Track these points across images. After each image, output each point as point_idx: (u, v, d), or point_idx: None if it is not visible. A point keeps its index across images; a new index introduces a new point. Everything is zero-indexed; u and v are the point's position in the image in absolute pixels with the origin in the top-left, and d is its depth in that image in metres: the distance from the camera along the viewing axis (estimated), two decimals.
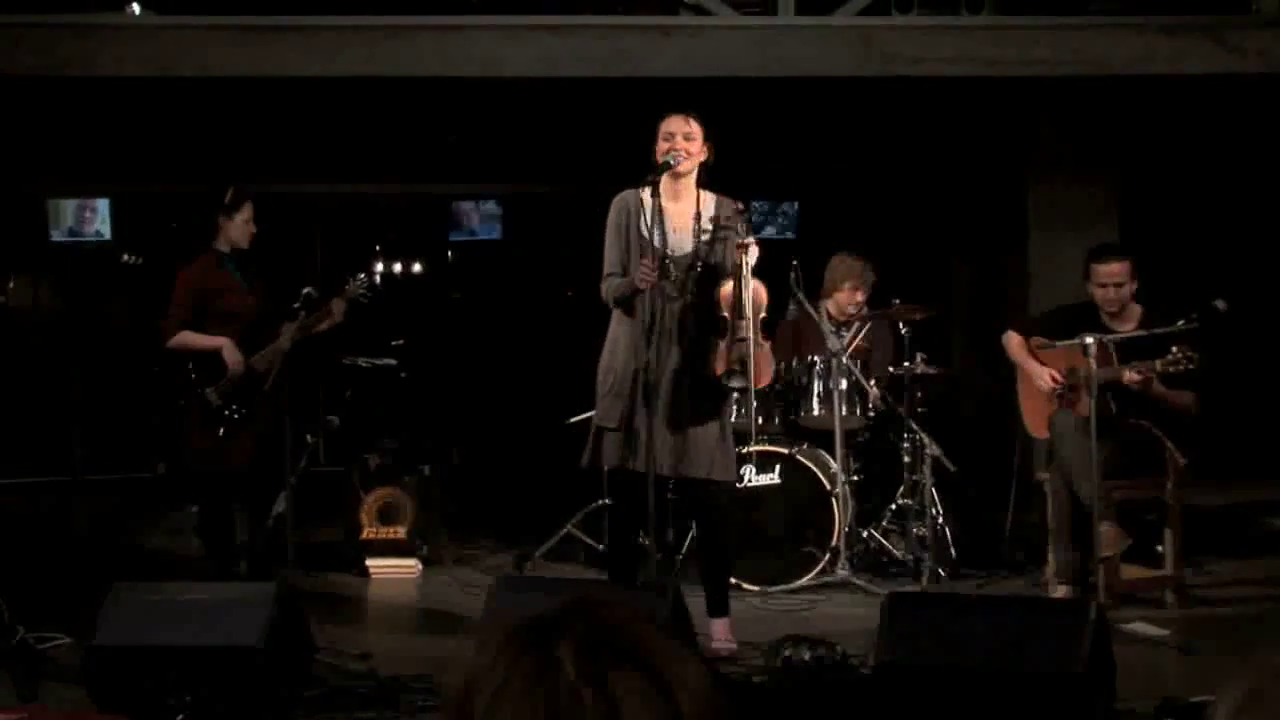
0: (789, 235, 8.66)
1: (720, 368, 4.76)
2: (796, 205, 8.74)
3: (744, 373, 4.73)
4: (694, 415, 4.81)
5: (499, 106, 7.32)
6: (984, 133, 7.59)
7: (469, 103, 7.26)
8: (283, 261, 7.16)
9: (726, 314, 4.77)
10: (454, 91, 6.86)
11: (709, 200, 4.86)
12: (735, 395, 5.06)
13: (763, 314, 4.91)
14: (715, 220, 4.82)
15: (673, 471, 4.80)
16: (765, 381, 5.01)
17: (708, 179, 4.88)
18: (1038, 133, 7.32)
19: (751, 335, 4.73)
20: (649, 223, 4.71)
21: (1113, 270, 5.74)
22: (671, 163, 4.70)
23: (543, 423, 7.21)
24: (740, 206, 4.86)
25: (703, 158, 4.83)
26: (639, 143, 4.99)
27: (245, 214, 5.90)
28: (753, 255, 4.70)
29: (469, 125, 7.71)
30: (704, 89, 6.27)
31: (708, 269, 4.83)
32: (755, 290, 4.78)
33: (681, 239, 4.81)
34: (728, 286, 4.77)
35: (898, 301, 6.31)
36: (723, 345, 4.75)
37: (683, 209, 4.83)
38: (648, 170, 4.72)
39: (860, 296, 6.50)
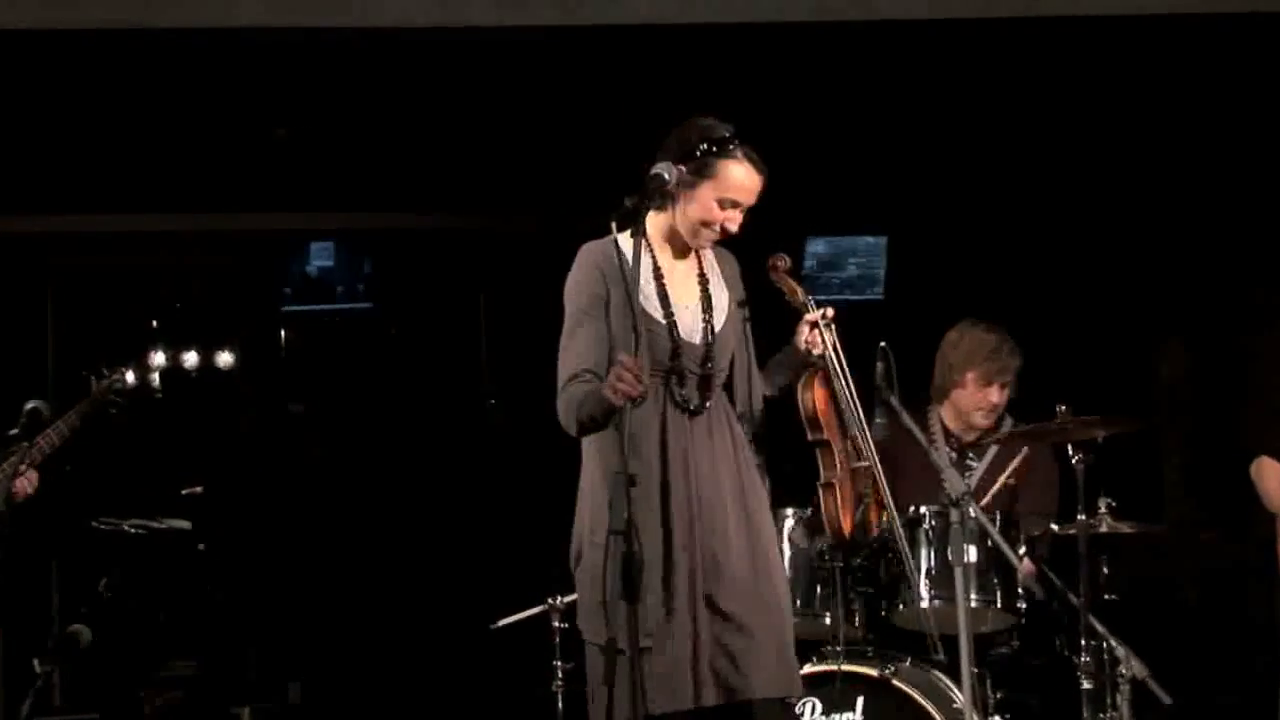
0: (872, 293, 8.56)
1: (846, 521, 4.91)
2: (882, 243, 8.66)
3: (871, 521, 5.04)
4: (755, 603, 4.77)
5: (368, 80, 7.34)
6: (1212, 118, 7.53)
7: (316, 75, 7.26)
8: None
9: (824, 433, 4.88)
10: (289, 55, 6.88)
11: (710, 253, 4.99)
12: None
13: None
14: (730, 287, 5.00)
15: (720, 695, 4.74)
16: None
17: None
18: None
19: (865, 461, 4.98)
20: (634, 283, 4.69)
21: None
22: (666, 177, 4.68)
23: (445, 629, 7.40)
24: (780, 258, 5.01)
25: None
26: (608, 143, 5.22)
27: None
28: (830, 336, 4.86)
29: (317, 114, 7.73)
30: (713, 46, 6.43)
31: (726, 356, 4.90)
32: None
33: (690, 313, 4.89)
34: (818, 394, 4.91)
35: (1064, 409, 6.02)
36: (836, 485, 4.91)
37: (683, 267, 4.94)
38: (621, 199, 4.69)
39: (996, 396, 6.44)
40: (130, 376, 5.91)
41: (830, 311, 4.85)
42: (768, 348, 5.27)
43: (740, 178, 4.74)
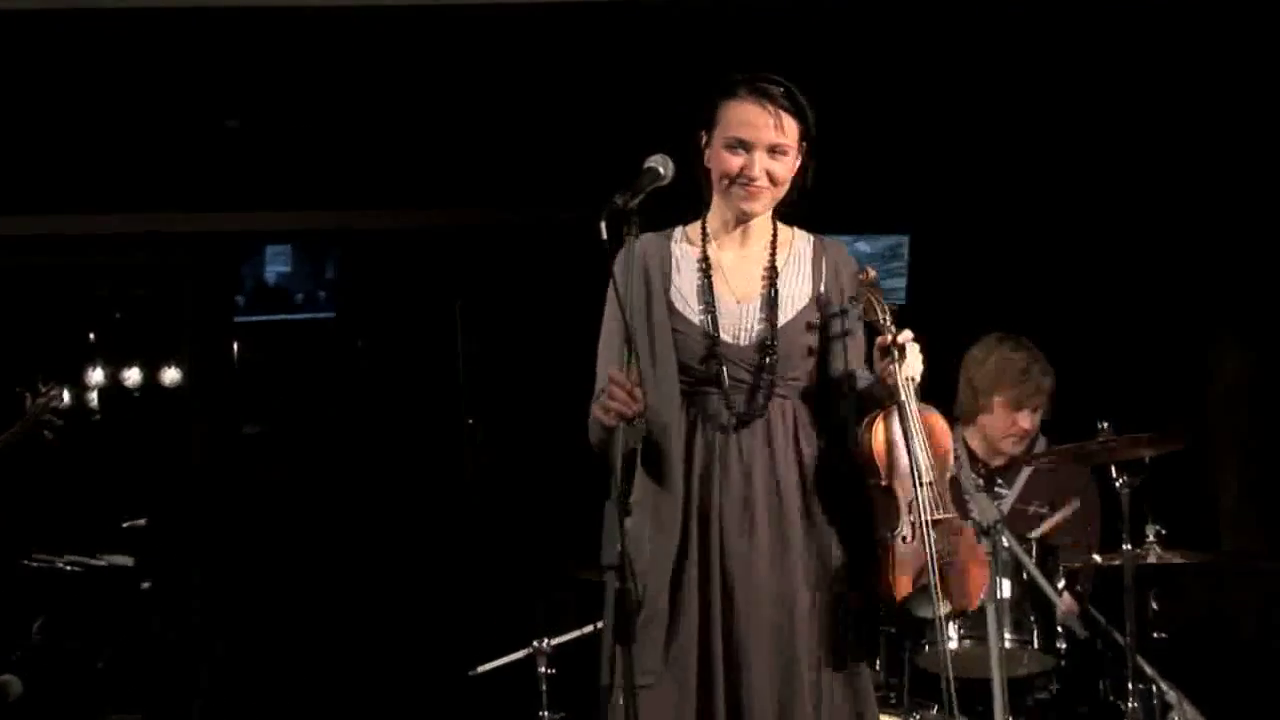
0: (893, 298, 8.49)
1: (900, 583, 4.81)
2: (905, 242, 8.73)
3: (953, 587, 4.80)
4: (777, 657, 4.67)
5: (329, 65, 7.35)
6: (1261, 113, 7.56)
7: (271, 59, 7.26)
8: None
9: (883, 479, 4.80)
10: (241, 36, 6.90)
11: (800, 243, 4.89)
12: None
13: (949, 471, 4.94)
14: (818, 283, 4.90)
15: None
16: (977, 598, 5.02)
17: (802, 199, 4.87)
18: None
19: (947, 513, 4.81)
20: (629, 292, 4.58)
21: None
22: (662, 172, 4.49)
23: (420, 675, 7.51)
24: (863, 271, 4.89)
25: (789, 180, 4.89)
26: (600, 130, 5.32)
27: None
28: (914, 366, 4.70)
29: (272, 102, 7.75)
30: (727, 19, 6.48)
31: (793, 360, 4.80)
32: (930, 426, 4.79)
33: (744, 312, 4.80)
34: (878, 433, 4.81)
35: (1105, 426, 6.01)
36: (896, 540, 4.83)
37: (749, 258, 4.85)
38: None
39: (1028, 422, 6.43)
40: (66, 395, 6.00)
41: (908, 334, 4.66)
42: None
43: (739, 112, 4.65)
